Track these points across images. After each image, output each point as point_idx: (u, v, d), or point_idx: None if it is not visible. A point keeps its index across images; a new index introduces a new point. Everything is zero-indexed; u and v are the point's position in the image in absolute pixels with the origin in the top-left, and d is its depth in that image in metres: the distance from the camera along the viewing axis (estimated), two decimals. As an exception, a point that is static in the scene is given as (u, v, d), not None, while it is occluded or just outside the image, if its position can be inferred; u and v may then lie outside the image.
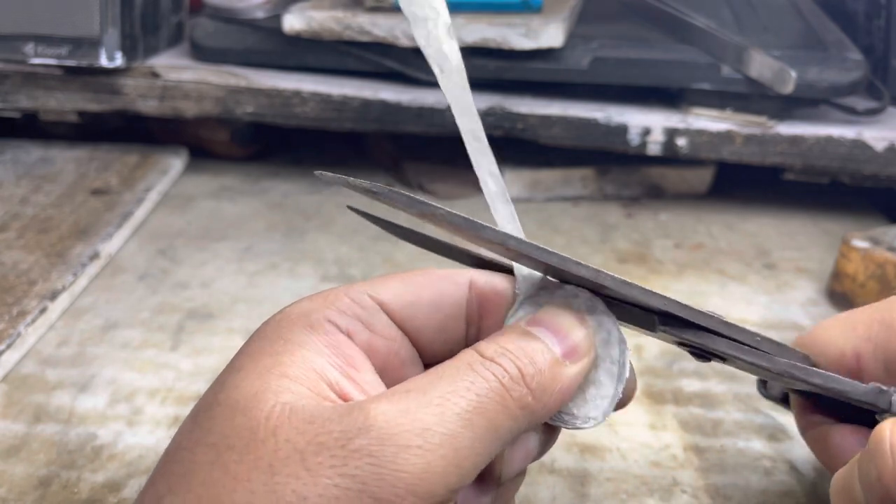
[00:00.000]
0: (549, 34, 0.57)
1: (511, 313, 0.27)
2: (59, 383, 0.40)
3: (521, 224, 0.28)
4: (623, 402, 0.27)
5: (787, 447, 0.37)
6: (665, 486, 0.35)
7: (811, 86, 0.57)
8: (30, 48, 0.60)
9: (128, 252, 0.53)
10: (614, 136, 0.59)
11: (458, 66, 0.29)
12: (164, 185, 0.61)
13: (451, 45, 0.29)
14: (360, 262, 0.53)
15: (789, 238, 0.59)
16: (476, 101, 0.29)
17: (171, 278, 0.50)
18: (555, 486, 0.35)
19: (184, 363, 0.42)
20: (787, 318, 0.48)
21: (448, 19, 0.29)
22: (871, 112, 0.60)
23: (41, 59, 0.60)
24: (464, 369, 0.24)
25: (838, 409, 0.30)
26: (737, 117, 0.59)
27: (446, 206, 0.24)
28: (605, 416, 0.26)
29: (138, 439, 0.36)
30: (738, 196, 0.65)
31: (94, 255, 0.50)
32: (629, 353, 0.26)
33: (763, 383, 0.35)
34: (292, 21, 0.60)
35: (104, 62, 0.60)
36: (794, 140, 0.58)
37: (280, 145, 0.72)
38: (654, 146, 0.59)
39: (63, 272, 0.47)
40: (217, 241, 0.55)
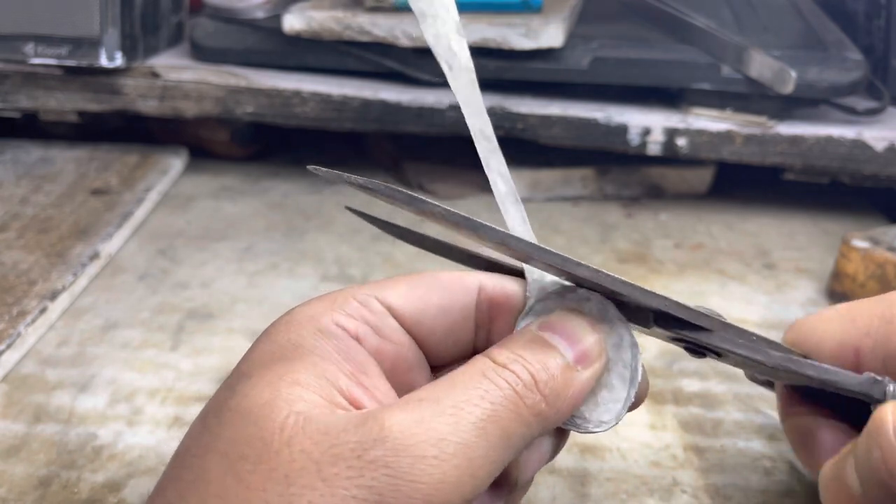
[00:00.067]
0: (549, 34, 0.57)
1: (522, 317, 0.27)
2: (59, 383, 0.40)
3: (524, 224, 0.28)
4: (635, 404, 0.27)
5: (788, 447, 0.37)
6: (665, 486, 0.35)
7: (811, 86, 0.57)
8: (30, 48, 0.60)
9: (128, 252, 0.53)
10: (614, 136, 0.59)
11: (467, 64, 0.28)
12: (164, 185, 0.61)
13: (461, 42, 0.28)
14: (360, 262, 0.53)
15: (789, 238, 0.59)
16: (478, 101, 0.29)
17: (171, 278, 0.50)
18: (555, 486, 0.35)
19: (184, 363, 0.42)
20: (787, 318, 0.48)
21: (457, 16, 0.29)
22: (871, 112, 0.60)
23: (41, 59, 0.60)
24: (477, 377, 0.24)
25: (825, 399, 0.30)
26: (737, 117, 0.59)
27: (446, 205, 0.24)
28: (617, 419, 0.26)
29: (138, 439, 0.36)
30: (738, 196, 0.65)
31: (94, 255, 0.50)
32: (641, 357, 0.26)
33: None
34: (292, 21, 0.60)
35: (104, 62, 0.60)
36: (794, 140, 0.58)
37: (280, 145, 0.72)
38: (654, 146, 0.59)
39: (63, 272, 0.47)
40: (217, 241, 0.55)
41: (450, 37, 0.28)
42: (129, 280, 0.50)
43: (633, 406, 0.26)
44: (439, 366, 0.28)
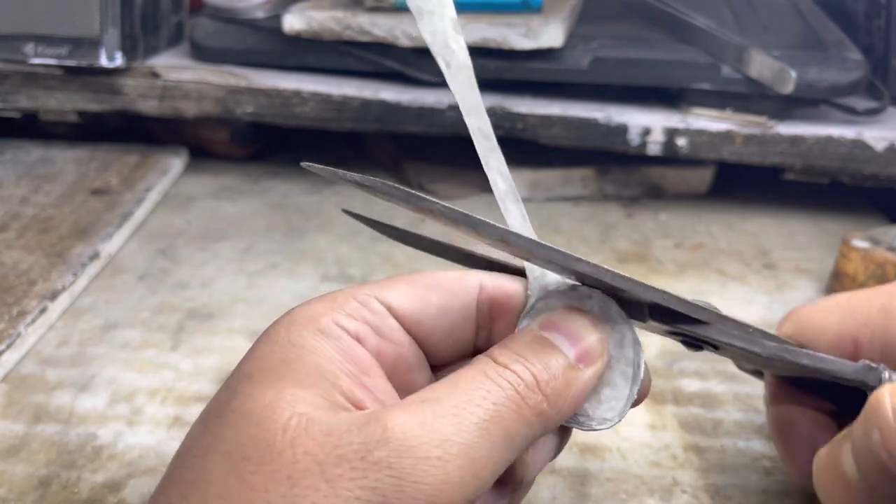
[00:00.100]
0: (549, 34, 0.57)
1: (523, 316, 0.27)
2: (59, 383, 0.40)
3: (525, 224, 0.28)
4: (637, 401, 0.27)
5: (787, 447, 0.37)
6: (665, 486, 0.35)
7: (811, 86, 0.57)
8: (30, 48, 0.60)
9: (128, 252, 0.53)
10: (614, 136, 0.59)
11: (465, 61, 0.28)
12: (164, 185, 0.61)
13: (458, 40, 0.28)
14: (359, 262, 0.53)
15: (789, 238, 0.59)
16: (478, 101, 0.29)
17: (171, 278, 0.50)
18: (555, 486, 0.35)
19: (184, 363, 0.42)
20: (787, 318, 0.48)
21: (454, 14, 0.28)
22: (871, 112, 0.60)
23: (41, 59, 0.60)
24: (479, 377, 0.24)
25: (814, 391, 0.30)
26: (737, 117, 0.59)
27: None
28: (620, 417, 0.26)
29: (138, 439, 0.36)
30: (738, 196, 0.65)
31: (94, 255, 0.50)
32: (643, 354, 0.26)
33: None
34: (292, 21, 0.60)
35: (104, 62, 0.60)
36: (794, 140, 0.58)
37: (280, 145, 0.72)
38: (654, 146, 0.59)
39: (63, 272, 0.47)
40: (217, 241, 0.55)
41: (447, 34, 0.28)
42: (129, 280, 0.50)
43: (636, 403, 0.26)
44: (440, 366, 0.28)
